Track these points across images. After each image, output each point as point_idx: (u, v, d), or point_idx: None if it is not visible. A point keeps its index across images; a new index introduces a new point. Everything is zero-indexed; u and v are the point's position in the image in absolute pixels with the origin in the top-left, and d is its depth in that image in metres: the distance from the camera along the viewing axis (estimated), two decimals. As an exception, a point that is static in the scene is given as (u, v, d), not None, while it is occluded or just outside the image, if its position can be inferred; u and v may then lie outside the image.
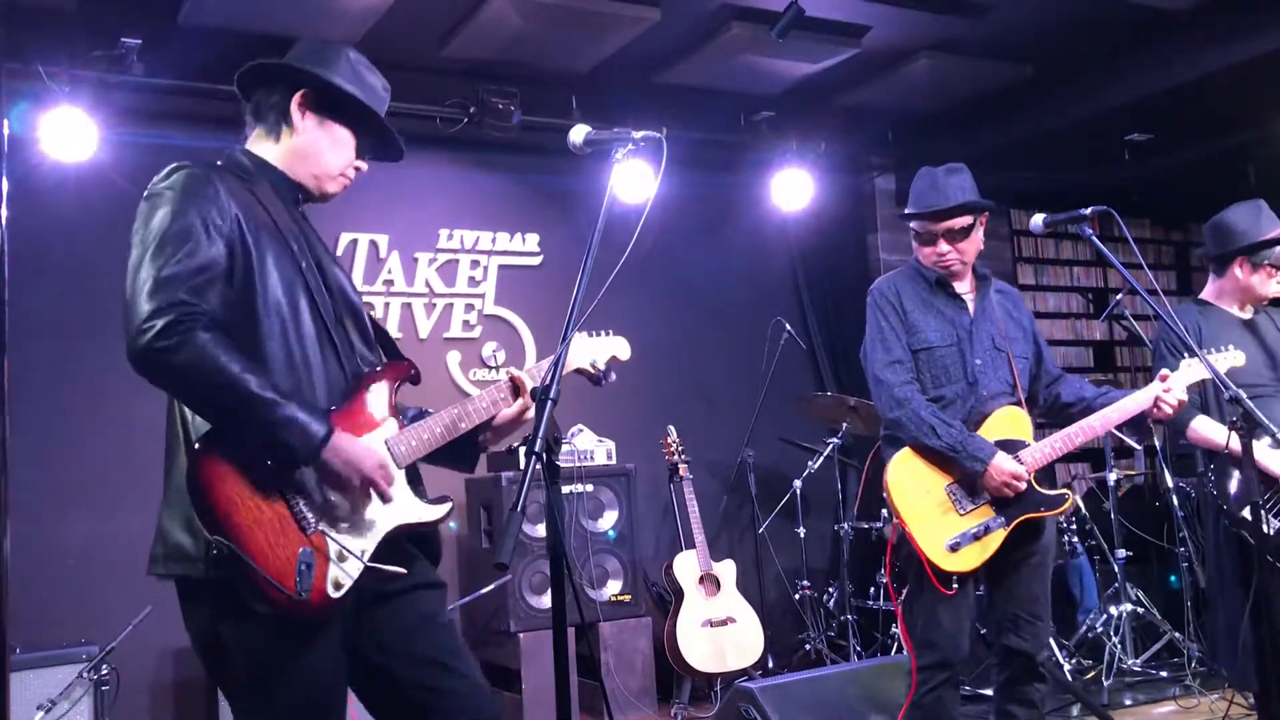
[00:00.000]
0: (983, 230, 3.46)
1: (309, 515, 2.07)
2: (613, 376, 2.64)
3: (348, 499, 2.13)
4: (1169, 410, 3.31)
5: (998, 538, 3.21)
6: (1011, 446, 3.27)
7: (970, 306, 3.44)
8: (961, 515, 3.21)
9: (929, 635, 3.25)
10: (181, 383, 2.02)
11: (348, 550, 2.09)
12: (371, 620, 2.19)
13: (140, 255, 2.03)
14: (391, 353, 2.41)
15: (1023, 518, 3.24)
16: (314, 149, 2.35)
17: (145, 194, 2.14)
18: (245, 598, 1.99)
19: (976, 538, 3.18)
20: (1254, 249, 3.79)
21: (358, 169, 2.44)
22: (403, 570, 2.16)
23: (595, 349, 2.62)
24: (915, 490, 3.24)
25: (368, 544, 2.14)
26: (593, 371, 2.61)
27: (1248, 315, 3.89)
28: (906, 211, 3.45)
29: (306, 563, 2.01)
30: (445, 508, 2.29)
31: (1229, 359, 3.51)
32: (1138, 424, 3.45)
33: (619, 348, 2.74)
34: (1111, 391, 3.47)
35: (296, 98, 2.33)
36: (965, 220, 3.37)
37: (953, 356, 3.36)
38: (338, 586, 2.06)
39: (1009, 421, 3.33)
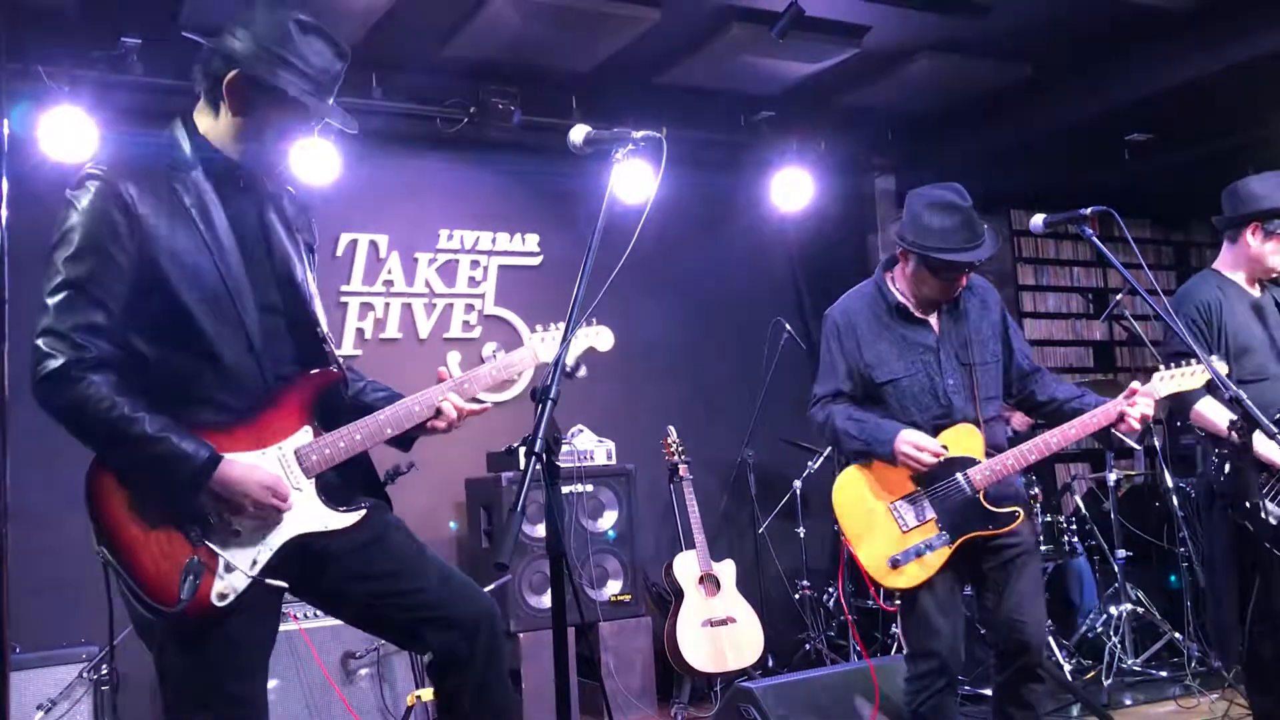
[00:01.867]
0: None
1: (192, 529, 2.14)
2: (582, 370, 2.57)
3: (234, 517, 2.18)
4: (1135, 426, 3.22)
5: (940, 555, 3.20)
6: (959, 464, 3.24)
7: (935, 325, 3.37)
8: (904, 533, 3.22)
9: (926, 644, 3.24)
10: (62, 419, 2.13)
11: (234, 564, 2.16)
12: (354, 568, 2.30)
13: (44, 283, 2.14)
14: (322, 359, 2.36)
15: (967, 536, 3.21)
16: (250, 127, 2.30)
17: (66, 197, 2.17)
18: (131, 603, 2.13)
19: (918, 554, 3.19)
20: (1268, 215, 3.73)
21: (307, 139, 2.40)
22: (284, 585, 2.20)
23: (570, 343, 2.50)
24: (859, 509, 3.29)
25: (260, 555, 2.20)
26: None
27: (1256, 294, 3.83)
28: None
29: (192, 574, 2.09)
30: (355, 516, 2.31)
31: (1197, 372, 3.37)
32: (1106, 435, 3.39)
33: (597, 339, 2.72)
34: (1086, 396, 3.40)
35: (230, 76, 2.26)
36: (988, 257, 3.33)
37: (921, 384, 3.30)
38: (222, 597, 2.14)
39: (958, 438, 3.27)
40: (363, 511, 2.32)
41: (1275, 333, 3.74)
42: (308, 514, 2.27)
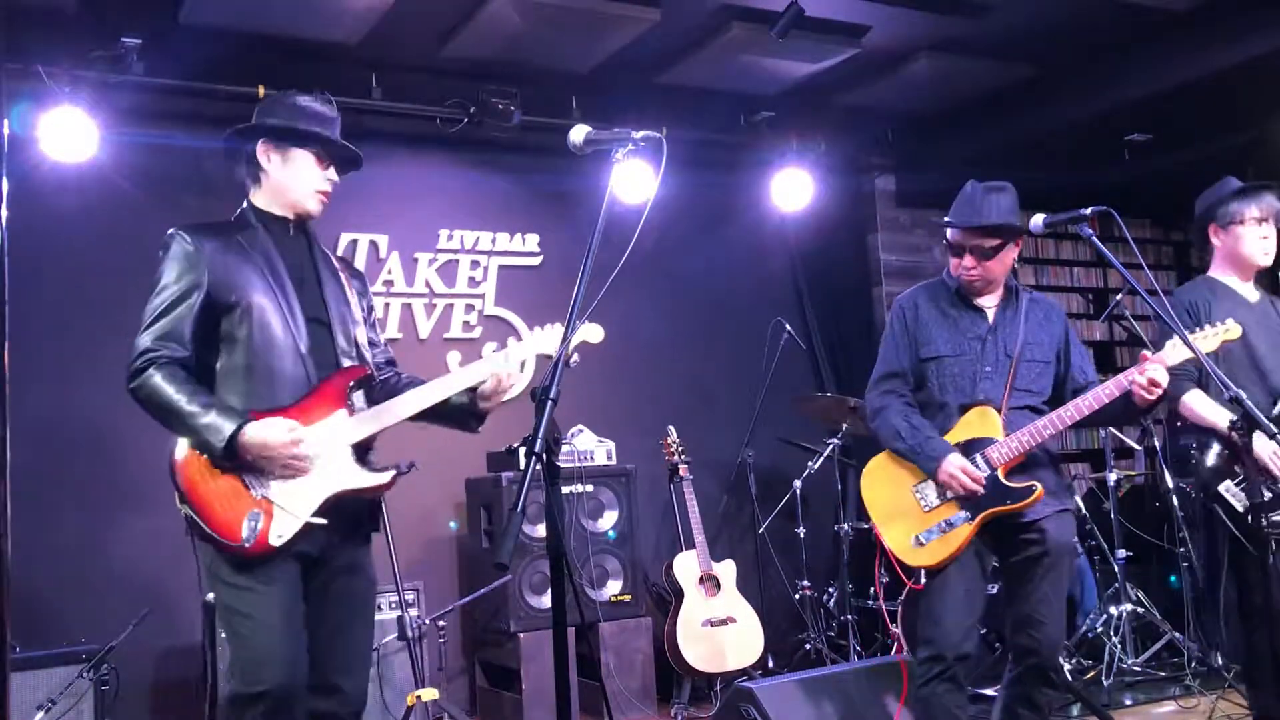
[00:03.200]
0: (1016, 252, 3.46)
1: (254, 485, 2.70)
2: (575, 359, 2.82)
3: (282, 472, 2.71)
4: (1145, 394, 3.18)
5: (962, 532, 3.26)
6: (979, 444, 3.30)
7: (990, 316, 3.46)
8: (926, 512, 3.32)
9: (924, 630, 3.32)
10: (146, 408, 2.73)
11: (287, 510, 2.69)
12: (314, 588, 2.80)
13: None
14: (360, 358, 2.93)
15: (989, 511, 3.27)
16: (283, 182, 2.92)
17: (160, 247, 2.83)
18: (209, 543, 2.69)
19: (941, 532, 3.28)
20: (1213, 209, 3.85)
21: (331, 182, 2.99)
22: (321, 521, 2.71)
23: (560, 336, 2.85)
24: (885, 491, 3.42)
25: (309, 504, 2.72)
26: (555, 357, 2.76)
27: (1255, 298, 3.84)
28: (945, 220, 3.47)
29: (253, 520, 2.67)
30: (387, 474, 2.83)
31: (1223, 333, 3.35)
32: (1124, 412, 3.33)
33: (589, 334, 2.98)
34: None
35: (259, 146, 2.91)
36: (995, 240, 3.36)
37: (962, 366, 3.40)
38: (280, 536, 2.68)
39: (978, 420, 3.35)
40: (393, 472, 2.83)
41: (1265, 340, 3.74)
42: (347, 473, 2.79)
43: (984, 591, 3.42)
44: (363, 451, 2.84)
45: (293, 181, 2.91)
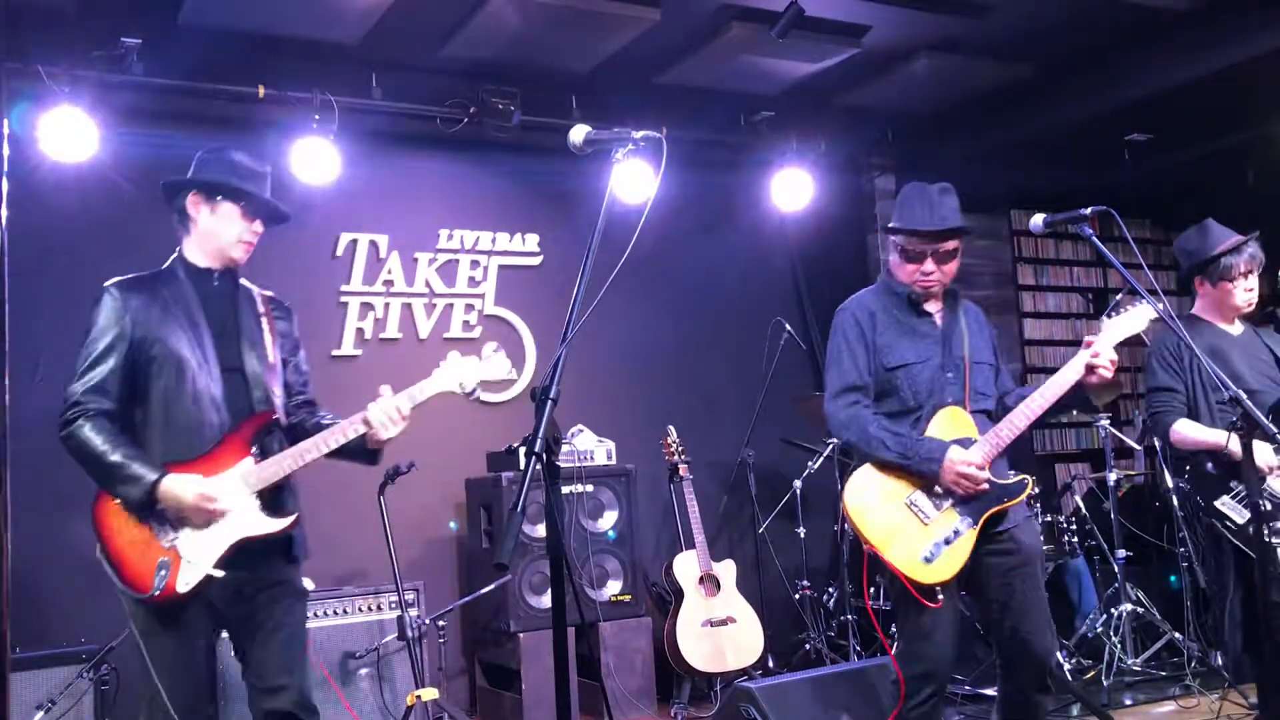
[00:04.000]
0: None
1: (164, 535, 2.93)
2: (477, 393, 3.23)
3: (190, 521, 2.93)
4: (1106, 374, 3.30)
5: (969, 539, 3.18)
6: (961, 445, 3.24)
7: (939, 322, 3.42)
8: (926, 525, 3.18)
9: (915, 648, 3.21)
10: (75, 457, 2.96)
11: (193, 559, 2.91)
12: (240, 613, 3.01)
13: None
14: (269, 404, 3.10)
15: (988, 512, 3.21)
16: (208, 233, 3.12)
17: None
18: (121, 593, 2.94)
19: (948, 543, 3.16)
20: (1199, 268, 3.94)
21: (256, 233, 3.17)
22: (219, 573, 2.91)
23: (465, 373, 3.15)
24: (877, 510, 3.21)
25: (212, 554, 2.93)
26: (460, 393, 3.19)
27: (1238, 331, 3.98)
28: (898, 226, 3.36)
29: (164, 569, 2.90)
30: (286, 520, 3.02)
31: (1143, 312, 3.53)
32: (1075, 396, 3.39)
33: (496, 370, 3.19)
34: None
35: (189, 197, 3.13)
36: (953, 243, 3.36)
37: (929, 372, 3.33)
38: (186, 584, 2.90)
39: (951, 421, 3.29)
40: (293, 517, 3.03)
41: (1250, 363, 3.84)
42: (250, 521, 2.98)
43: (959, 595, 3.37)
44: (267, 496, 3.02)
45: (220, 230, 3.11)
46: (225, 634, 3.09)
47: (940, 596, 3.13)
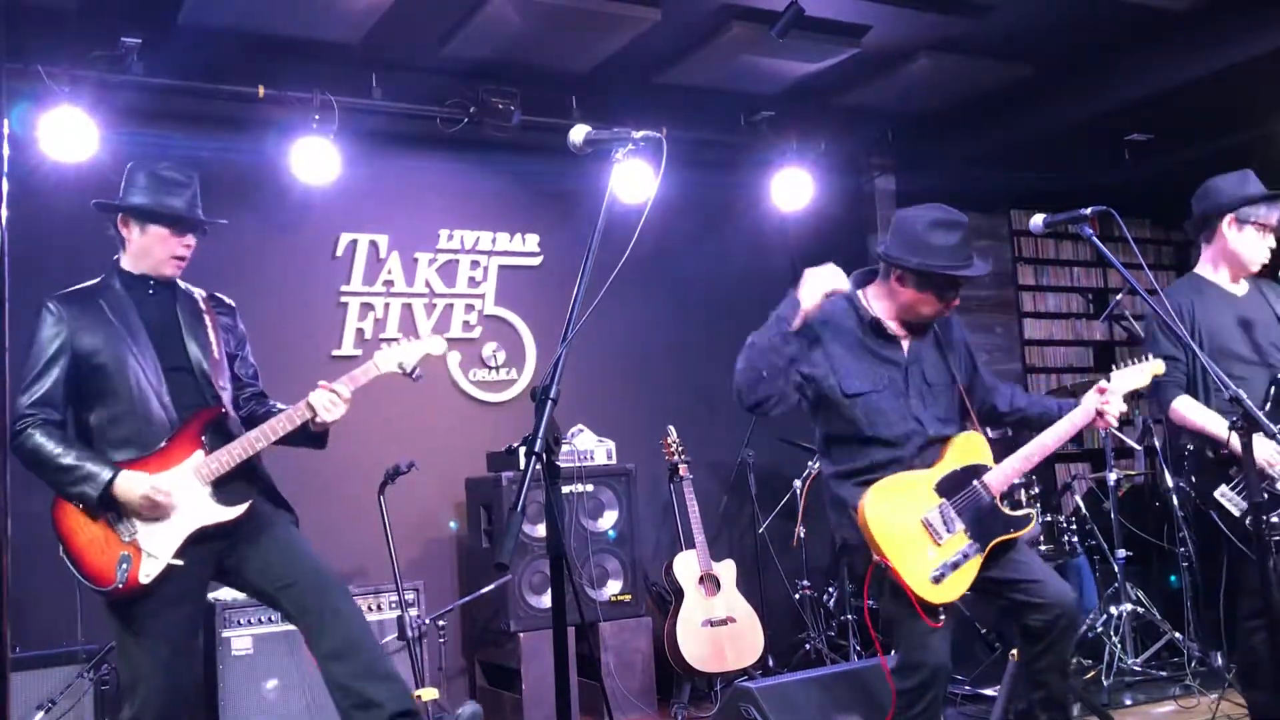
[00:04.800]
0: None
1: (123, 530, 3.08)
2: (419, 374, 3.42)
3: (146, 516, 3.07)
4: (1112, 421, 3.36)
5: (975, 564, 3.18)
6: (974, 471, 3.25)
7: (905, 345, 3.36)
8: (939, 545, 3.17)
9: (916, 657, 3.18)
10: (29, 466, 3.09)
11: (153, 552, 3.06)
12: (250, 560, 3.21)
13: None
14: (216, 399, 3.26)
15: (995, 541, 3.22)
16: (140, 250, 3.29)
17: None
18: (87, 590, 3.07)
19: (956, 566, 3.15)
20: (1240, 202, 3.77)
21: (188, 247, 3.30)
22: (178, 562, 3.07)
23: (404, 353, 3.38)
24: (893, 522, 3.17)
25: (172, 544, 3.09)
26: (403, 374, 3.39)
27: (1242, 291, 3.85)
28: (957, 273, 3.23)
29: (125, 562, 3.03)
30: (240, 508, 3.17)
31: (1149, 368, 3.56)
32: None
33: (432, 346, 3.46)
34: (1044, 400, 3.55)
35: (119, 219, 3.30)
36: None
37: (888, 401, 3.27)
38: (148, 575, 3.04)
39: (967, 446, 3.29)
40: (246, 504, 3.16)
41: (1257, 330, 3.76)
42: (204, 511, 3.14)
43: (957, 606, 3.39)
44: (220, 486, 3.17)
45: (151, 249, 3.27)
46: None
47: (943, 616, 3.13)
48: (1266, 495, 3.46)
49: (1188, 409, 3.66)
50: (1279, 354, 3.75)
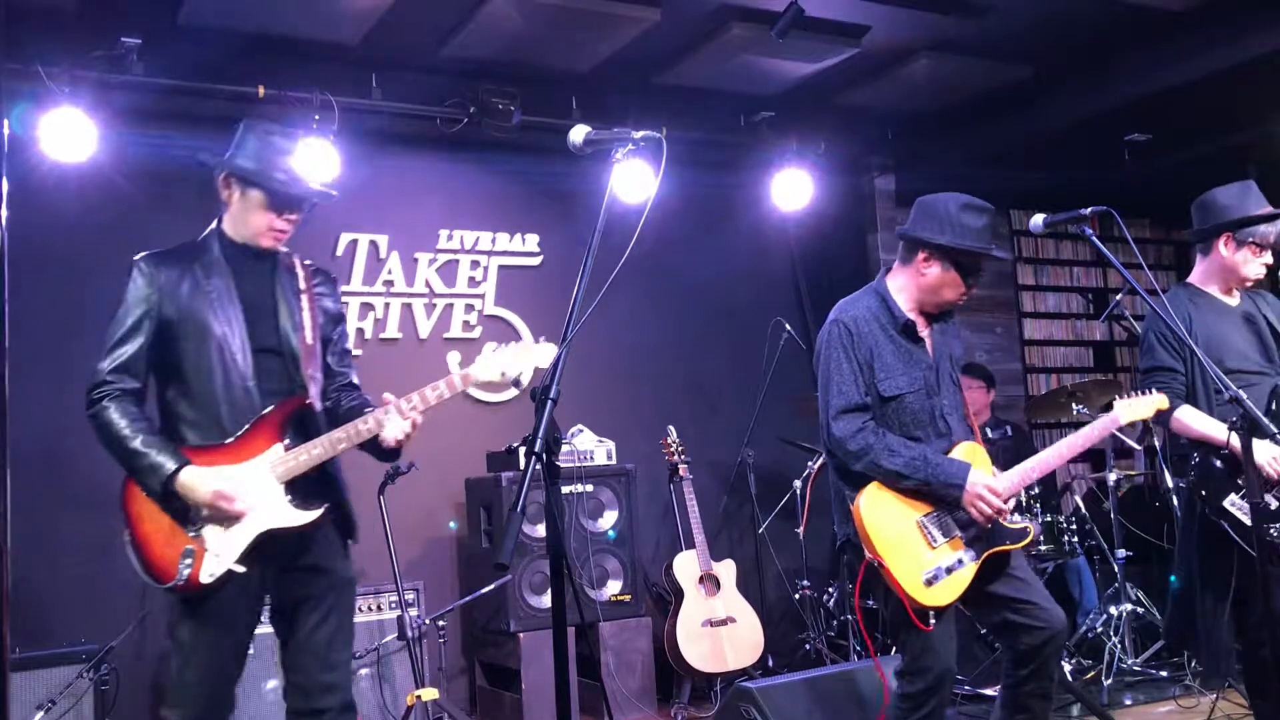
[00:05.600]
0: None
1: (188, 524, 2.82)
2: (522, 383, 3.05)
3: (208, 513, 2.80)
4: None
5: (969, 571, 3.16)
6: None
7: (929, 346, 3.35)
8: (934, 548, 3.14)
9: (921, 662, 3.15)
10: (99, 437, 2.85)
11: (218, 551, 2.81)
12: (284, 600, 2.94)
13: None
14: (304, 388, 2.96)
15: (990, 551, 3.19)
16: (239, 215, 3.00)
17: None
18: (145, 580, 2.83)
19: (950, 571, 3.12)
20: (1238, 224, 3.75)
21: (289, 222, 3.01)
22: (240, 569, 2.80)
23: (506, 362, 3.05)
24: (889, 522, 3.14)
25: (237, 546, 2.81)
26: (504, 380, 3.07)
27: (1235, 302, 3.85)
28: (978, 249, 3.23)
29: (188, 558, 2.79)
30: (313, 513, 2.87)
31: (1153, 402, 3.51)
32: None
33: (541, 357, 3.04)
34: None
35: (220, 179, 3.01)
36: None
37: (921, 402, 3.25)
38: (210, 575, 2.79)
39: (969, 456, 3.26)
40: (320, 510, 2.88)
41: (1250, 341, 3.76)
42: (276, 513, 2.85)
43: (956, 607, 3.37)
44: (297, 486, 2.89)
45: (248, 218, 2.99)
46: (266, 619, 2.98)
47: (933, 622, 3.09)
48: (1275, 504, 3.47)
49: (1189, 418, 3.66)
50: (1275, 363, 3.76)
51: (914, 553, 3.13)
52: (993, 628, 3.25)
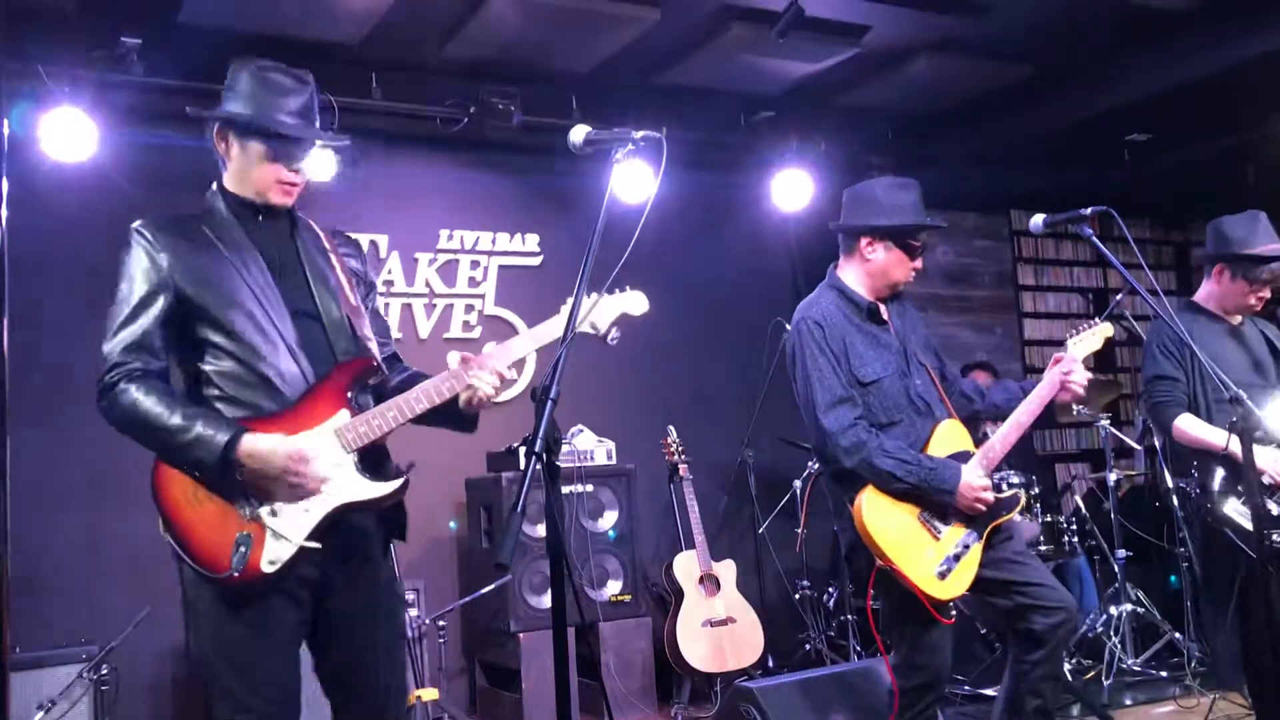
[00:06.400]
0: None
1: (243, 505, 2.40)
2: (615, 335, 2.76)
3: (277, 488, 2.40)
4: (1079, 390, 3.33)
5: (976, 553, 3.18)
6: (961, 459, 3.24)
7: (893, 328, 3.39)
8: (939, 540, 3.16)
9: (918, 659, 3.17)
10: (122, 428, 2.47)
11: (282, 533, 2.39)
12: (327, 611, 2.52)
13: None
14: (361, 350, 2.62)
15: (991, 526, 3.23)
16: (241, 171, 2.60)
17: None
18: (193, 574, 2.41)
19: (958, 558, 3.14)
20: (1236, 259, 3.82)
21: (297, 172, 2.61)
22: (315, 545, 2.41)
23: (599, 311, 2.73)
24: (892, 523, 3.14)
25: (305, 524, 2.42)
26: (594, 333, 2.76)
27: (1236, 322, 3.93)
28: (919, 223, 3.32)
29: (243, 545, 2.37)
30: (395, 483, 2.52)
31: (1101, 331, 3.51)
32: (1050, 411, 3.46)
33: (630, 304, 2.76)
34: (1007, 385, 3.57)
35: (214, 131, 2.64)
36: None
37: (896, 384, 3.28)
38: (272, 563, 2.38)
39: (951, 435, 3.28)
40: (401, 480, 2.53)
41: (1245, 360, 3.82)
42: (349, 485, 2.48)
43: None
44: (369, 457, 2.53)
45: (249, 172, 2.58)
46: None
47: (953, 612, 3.12)
48: (1277, 509, 3.48)
49: (1190, 426, 3.70)
50: (1271, 381, 3.81)
51: (922, 550, 3.14)
52: (1005, 614, 3.25)
